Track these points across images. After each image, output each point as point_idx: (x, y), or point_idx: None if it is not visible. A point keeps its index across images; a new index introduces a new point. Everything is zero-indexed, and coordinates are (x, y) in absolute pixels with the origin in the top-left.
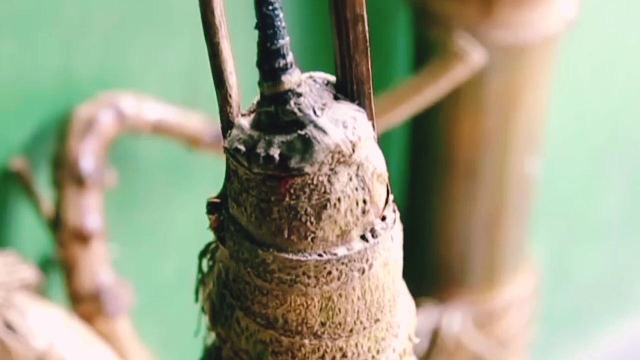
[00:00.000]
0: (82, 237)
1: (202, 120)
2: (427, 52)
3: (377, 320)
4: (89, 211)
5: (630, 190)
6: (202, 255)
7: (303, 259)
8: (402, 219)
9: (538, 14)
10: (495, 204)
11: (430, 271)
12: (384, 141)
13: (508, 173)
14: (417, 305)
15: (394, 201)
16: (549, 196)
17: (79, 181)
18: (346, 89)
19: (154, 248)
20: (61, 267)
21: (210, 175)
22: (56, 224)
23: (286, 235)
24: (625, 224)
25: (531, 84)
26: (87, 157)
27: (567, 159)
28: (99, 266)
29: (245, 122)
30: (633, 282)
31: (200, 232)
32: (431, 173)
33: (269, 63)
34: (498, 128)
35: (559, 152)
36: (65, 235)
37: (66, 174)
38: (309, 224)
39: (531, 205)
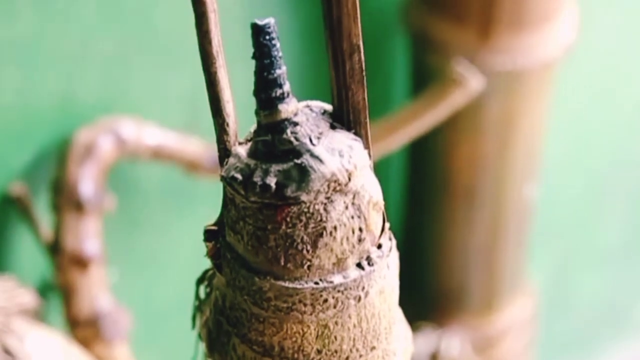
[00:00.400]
0: (81, 262)
1: (202, 145)
2: (425, 77)
3: (373, 348)
4: (88, 236)
5: (629, 214)
6: (199, 281)
7: (299, 286)
8: (400, 243)
9: (536, 40)
10: (493, 229)
11: (429, 295)
12: (382, 166)
13: (506, 197)
14: (415, 329)
15: (390, 228)
16: (547, 220)
17: (78, 206)
18: (342, 118)
19: (153, 273)
20: (60, 292)
21: (209, 201)
22: (55, 248)
23: (282, 263)
24: (624, 249)
25: (529, 109)
26: (87, 181)
27: (565, 183)
28: (97, 291)
29: (241, 151)
30: (632, 306)
31: (199, 257)
32: (429, 197)
33: (266, 92)
34: (496, 153)
35: (558, 177)
36: (63, 260)
37: (65, 198)
38: (305, 251)
39: (529, 230)
